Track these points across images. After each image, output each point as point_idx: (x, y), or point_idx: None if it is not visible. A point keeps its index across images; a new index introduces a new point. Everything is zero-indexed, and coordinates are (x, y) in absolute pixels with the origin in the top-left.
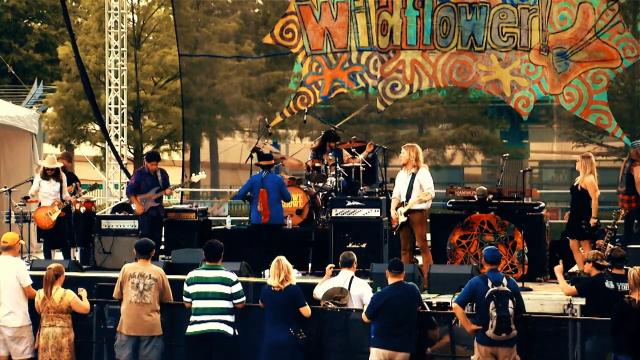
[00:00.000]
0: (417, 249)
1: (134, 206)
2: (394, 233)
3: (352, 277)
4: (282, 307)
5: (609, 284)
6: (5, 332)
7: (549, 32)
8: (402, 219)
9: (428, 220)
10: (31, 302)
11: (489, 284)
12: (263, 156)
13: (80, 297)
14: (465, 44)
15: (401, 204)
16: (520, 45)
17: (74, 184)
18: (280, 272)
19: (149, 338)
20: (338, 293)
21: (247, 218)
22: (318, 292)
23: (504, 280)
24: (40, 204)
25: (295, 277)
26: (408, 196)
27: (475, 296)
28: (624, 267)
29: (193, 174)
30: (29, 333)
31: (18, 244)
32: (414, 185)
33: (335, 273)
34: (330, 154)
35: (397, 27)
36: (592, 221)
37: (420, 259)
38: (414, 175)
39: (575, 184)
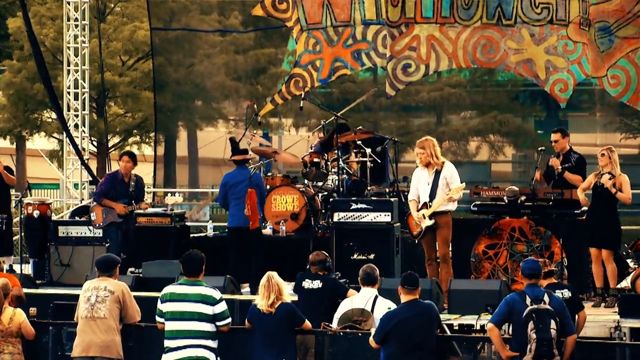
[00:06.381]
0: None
1: (93, 216)
2: (416, 241)
3: (376, 296)
4: (274, 332)
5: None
6: None
7: (590, 2)
8: (428, 222)
9: None
10: None
11: (528, 301)
12: (239, 150)
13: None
14: (492, 17)
15: (424, 206)
16: (557, 19)
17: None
18: (270, 294)
19: None
20: (358, 315)
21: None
22: (335, 315)
23: (545, 297)
24: None
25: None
26: (432, 197)
27: (512, 316)
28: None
29: (169, 194)
30: None
31: None
32: (439, 184)
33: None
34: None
35: None
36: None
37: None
38: (438, 172)
39: (600, 182)
